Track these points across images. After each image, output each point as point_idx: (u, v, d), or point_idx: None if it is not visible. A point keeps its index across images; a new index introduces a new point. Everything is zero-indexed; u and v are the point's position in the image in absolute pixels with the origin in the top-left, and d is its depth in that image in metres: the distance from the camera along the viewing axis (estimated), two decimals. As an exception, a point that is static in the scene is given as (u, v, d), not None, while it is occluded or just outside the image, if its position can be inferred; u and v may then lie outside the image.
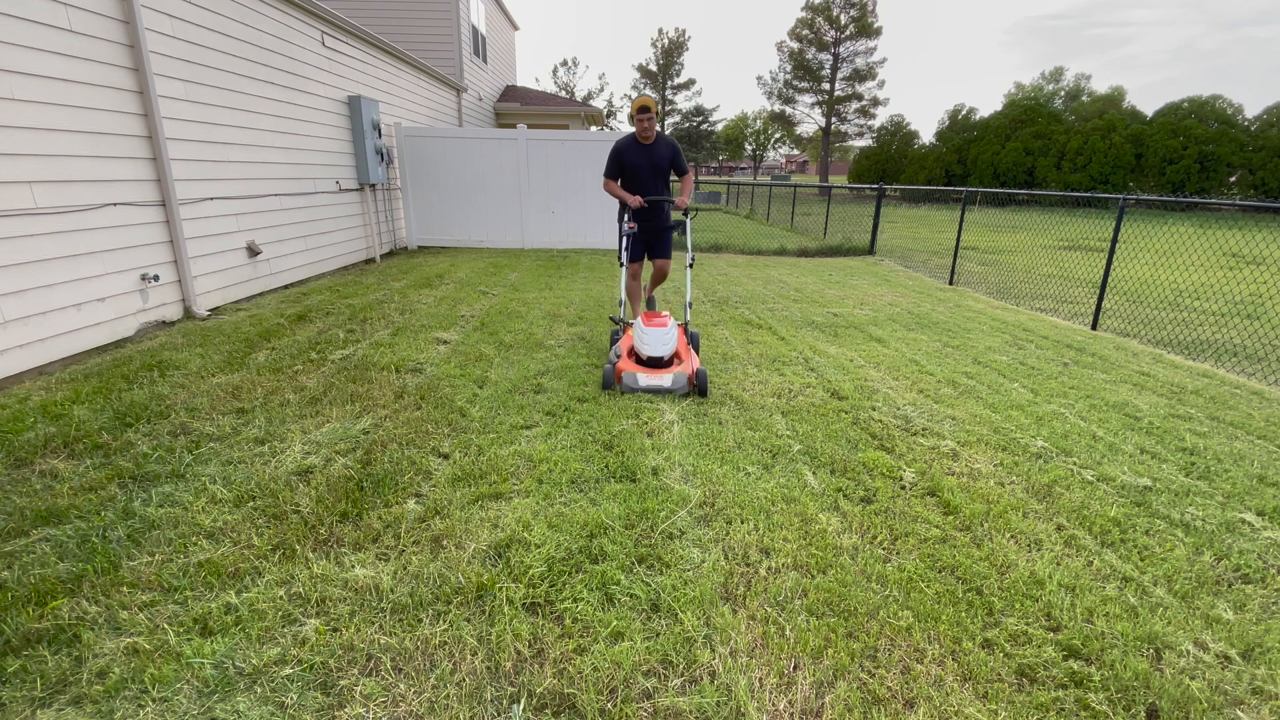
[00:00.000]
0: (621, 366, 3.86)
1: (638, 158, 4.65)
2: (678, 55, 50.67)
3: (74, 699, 1.60)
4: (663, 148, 4.68)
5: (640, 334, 3.98)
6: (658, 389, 3.76)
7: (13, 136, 3.78)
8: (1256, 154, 26.22)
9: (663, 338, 3.93)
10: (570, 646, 1.83)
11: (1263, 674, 1.83)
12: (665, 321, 4.00)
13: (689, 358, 4.03)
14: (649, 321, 4.00)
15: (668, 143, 4.74)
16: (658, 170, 4.70)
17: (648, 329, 3.95)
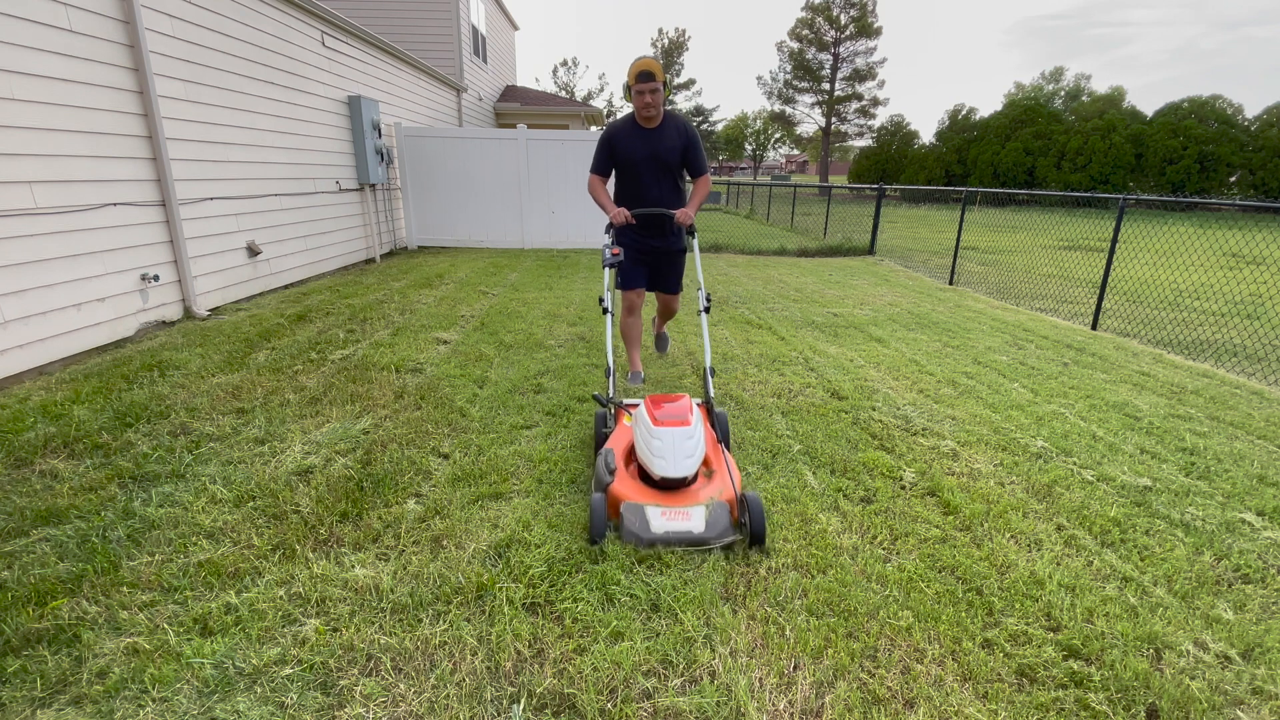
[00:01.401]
0: (620, 492, 2.37)
1: (635, 147, 3.40)
2: (678, 55, 50.66)
3: (74, 699, 1.60)
4: (672, 134, 3.41)
5: (647, 438, 2.44)
6: (683, 538, 2.26)
7: (13, 136, 3.78)
8: (1256, 154, 26.22)
9: (684, 445, 2.39)
10: (570, 646, 1.83)
11: (1263, 674, 1.83)
12: (684, 412, 2.51)
13: (721, 465, 2.53)
14: (661, 412, 2.51)
15: (680, 127, 3.44)
16: (663, 166, 3.44)
17: (659, 429, 2.43)
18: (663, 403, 2.56)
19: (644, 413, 2.52)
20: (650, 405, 2.54)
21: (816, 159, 57.57)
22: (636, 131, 3.40)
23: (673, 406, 2.53)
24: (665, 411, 2.49)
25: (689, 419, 2.45)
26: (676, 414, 2.47)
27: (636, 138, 3.40)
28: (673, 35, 50.86)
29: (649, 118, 3.36)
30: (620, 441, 2.63)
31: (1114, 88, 38.96)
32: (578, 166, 10.53)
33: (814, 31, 45.22)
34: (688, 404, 2.56)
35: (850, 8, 43.67)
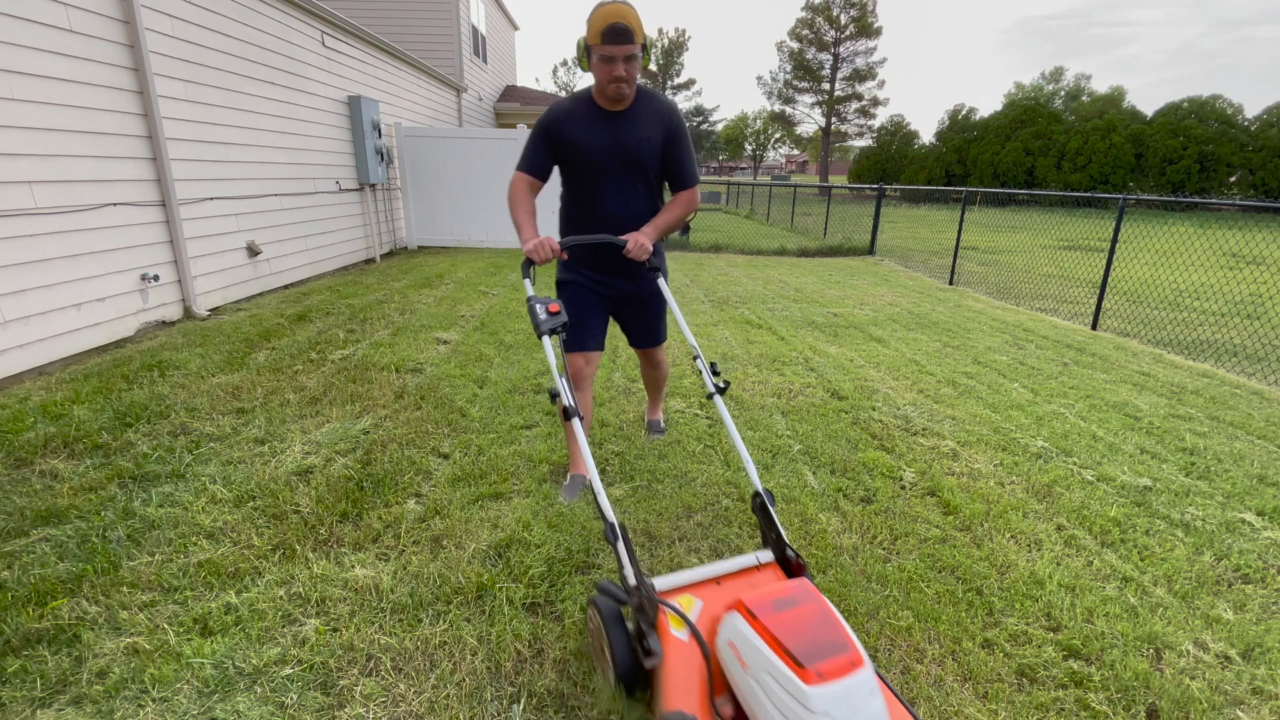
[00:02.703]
0: None
1: (592, 137, 2.30)
2: (678, 55, 50.67)
3: (74, 699, 1.60)
4: (649, 120, 2.32)
5: (797, 710, 1.14)
6: None
7: (13, 136, 3.78)
8: (1256, 154, 26.22)
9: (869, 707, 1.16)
10: (570, 646, 1.83)
11: (1263, 674, 1.83)
12: (836, 635, 1.24)
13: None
14: (797, 643, 1.20)
15: (661, 111, 2.34)
16: (633, 167, 2.35)
17: (821, 692, 1.13)
18: (774, 608, 1.29)
19: (755, 646, 1.24)
20: (756, 620, 1.27)
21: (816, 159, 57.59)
22: (595, 116, 2.22)
23: (802, 616, 1.26)
24: (803, 639, 1.20)
25: (851, 648, 1.20)
26: (825, 642, 1.20)
27: (594, 124, 2.23)
28: (672, 35, 50.86)
29: (617, 98, 2.18)
30: (687, 687, 1.33)
31: (1114, 88, 38.97)
32: (578, 166, 10.53)
33: (814, 31, 45.22)
34: (822, 608, 1.30)
35: (850, 8, 43.67)
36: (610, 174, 2.35)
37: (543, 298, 2.03)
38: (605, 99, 2.27)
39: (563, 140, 2.31)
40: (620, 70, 2.13)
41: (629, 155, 2.34)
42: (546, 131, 2.32)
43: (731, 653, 1.30)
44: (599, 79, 2.20)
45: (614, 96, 2.23)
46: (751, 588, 1.56)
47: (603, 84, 2.21)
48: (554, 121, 2.30)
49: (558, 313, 2.01)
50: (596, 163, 2.33)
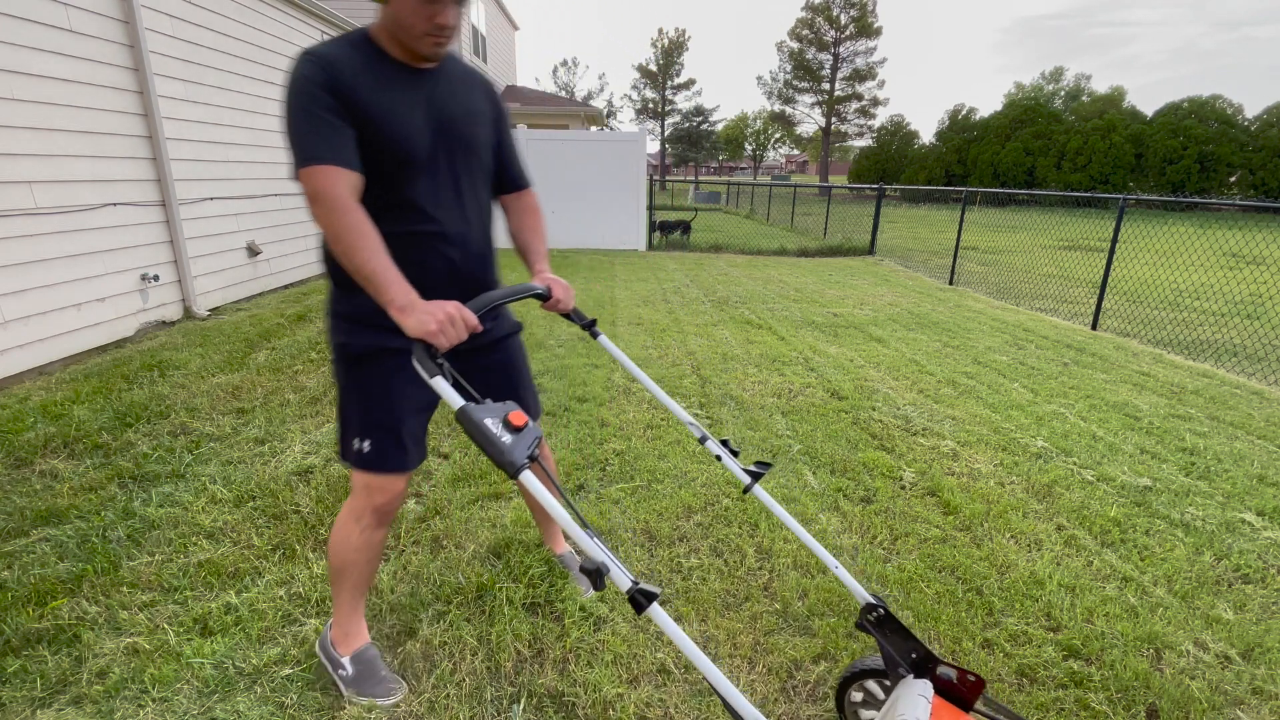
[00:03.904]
0: None
1: (401, 106, 1.39)
2: (678, 55, 50.66)
3: (74, 699, 1.60)
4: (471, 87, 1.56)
5: None
6: None
7: (13, 136, 3.78)
8: (1256, 154, 26.23)
9: None
10: (570, 646, 1.83)
11: (1263, 674, 1.83)
12: None
13: None
14: None
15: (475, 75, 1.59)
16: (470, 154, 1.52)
17: None
18: None
19: None
20: None
21: (816, 159, 57.60)
22: (394, 74, 1.40)
23: None
24: None
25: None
26: None
27: (399, 88, 1.40)
28: (672, 35, 50.85)
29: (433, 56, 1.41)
30: None
31: (1114, 88, 38.99)
32: (578, 166, 10.53)
33: (814, 31, 45.22)
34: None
35: (850, 8, 43.67)
36: (439, 168, 1.46)
37: (487, 405, 1.13)
38: (407, 53, 1.39)
39: (359, 110, 1.32)
40: (450, 17, 1.35)
41: (460, 137, 1.49)
42: (334, 93, 1.29)
43: None
44: (411, 24, 1.33)
45: (430, 54, 1.40)
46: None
47: (416, 33, 1.34)
48: (337, 78, 1.30)
49: (524, 425, 1.13)
50: (417, 150, 1.41)
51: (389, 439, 1.50)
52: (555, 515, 1.06)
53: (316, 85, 1.29)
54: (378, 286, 1.25)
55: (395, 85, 1.39)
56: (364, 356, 1.49)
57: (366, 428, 1.50)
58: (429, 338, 1.19)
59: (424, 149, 1.42)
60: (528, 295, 1.46)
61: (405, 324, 1.21)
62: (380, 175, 1.37)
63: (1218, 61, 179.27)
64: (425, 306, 1.22)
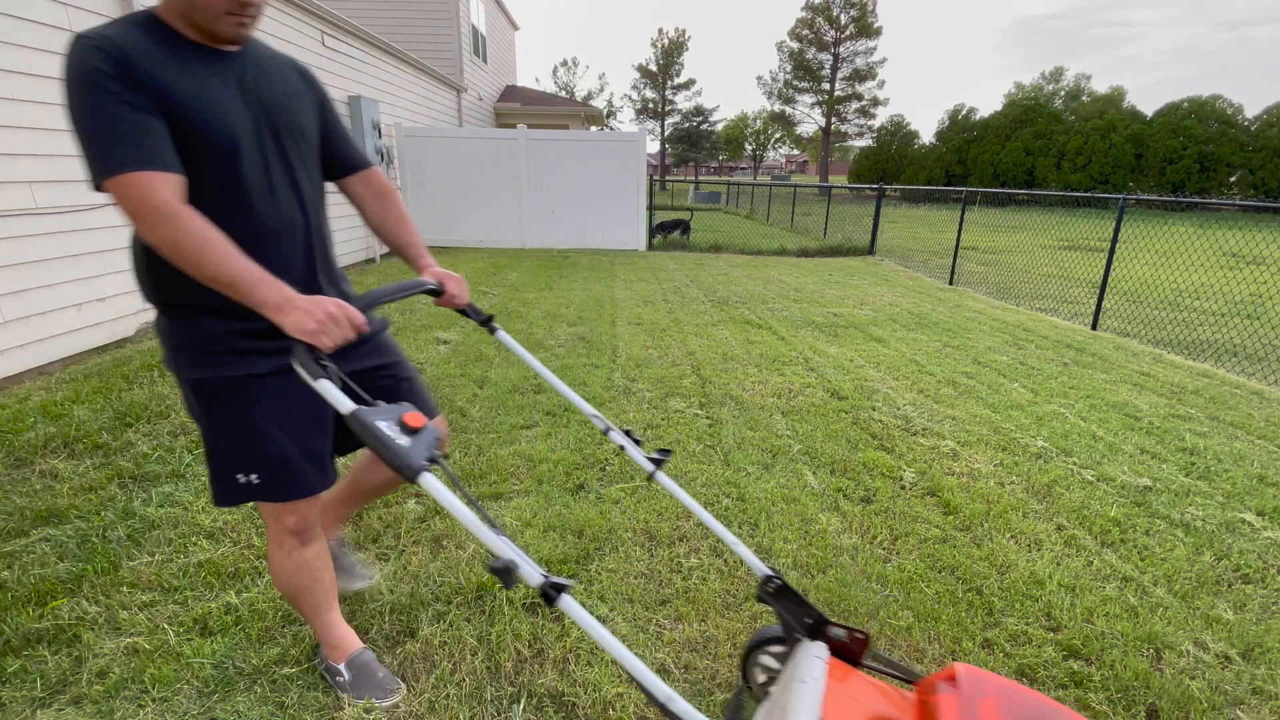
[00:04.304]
0: None
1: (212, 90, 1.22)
2: (678, 55, 50.65)
3: (74, 699, 1.60)
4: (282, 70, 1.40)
5: None
6: None
7: (13, 136, 3.78)
8: (1256, 154, 26.23)
9: None
10: (570, 646, 1.83)
11: (1263, 674, 1.83)
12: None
13: None
14: None
15: (283, 58, 1.43)
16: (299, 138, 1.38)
17: None
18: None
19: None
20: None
21: (816, 159, 57.60)
22: (196, 57, 1.23)
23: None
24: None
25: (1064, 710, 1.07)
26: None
27: (204, 72, 1.23)
28: (672, 35, 50.84)
29: (236, 36, 1.26)
30: None
31: (1114, 88, 38.98)
32: (578, 166, 10.53)
33: (814, 31, 45.21)
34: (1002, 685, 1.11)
35: (850, 8, 43.66)
36: (268, 157, 1.31)
37: (380, 407, 1.09)
38: (204, 34, 1.24)
39: (168, 102, 1.16)
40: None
41: (285, 122, 1.35)
42: (134, 85, 1.12)
43: None
44: (208, 3, 1.19)
45: (232, 36, 1.25)
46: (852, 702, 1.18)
47: (215, 12, 1.20)
48: (133, 67, 1.12)
49: (422, 427, 1.08)
50: (241, 139, 1.26)
51: (278, 469, 1.35)
52: (461, 518, 1.02)
53: (110, 78, 1.09)
54: (244, 290, 1.12)
55: (202, 70, 1.22)
56: (225, 389, 1.29)
57: (249, 463, 1.34)
58: (309, 338, 1.10)
59: (249, 138, 1.27)
60: (418, 291, 1.43)
61: (283, 324, 1.11)
62: (203, 172, 1.21)
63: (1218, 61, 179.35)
64: (304, 304, 1.12)
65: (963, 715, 1.00)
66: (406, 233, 1.60)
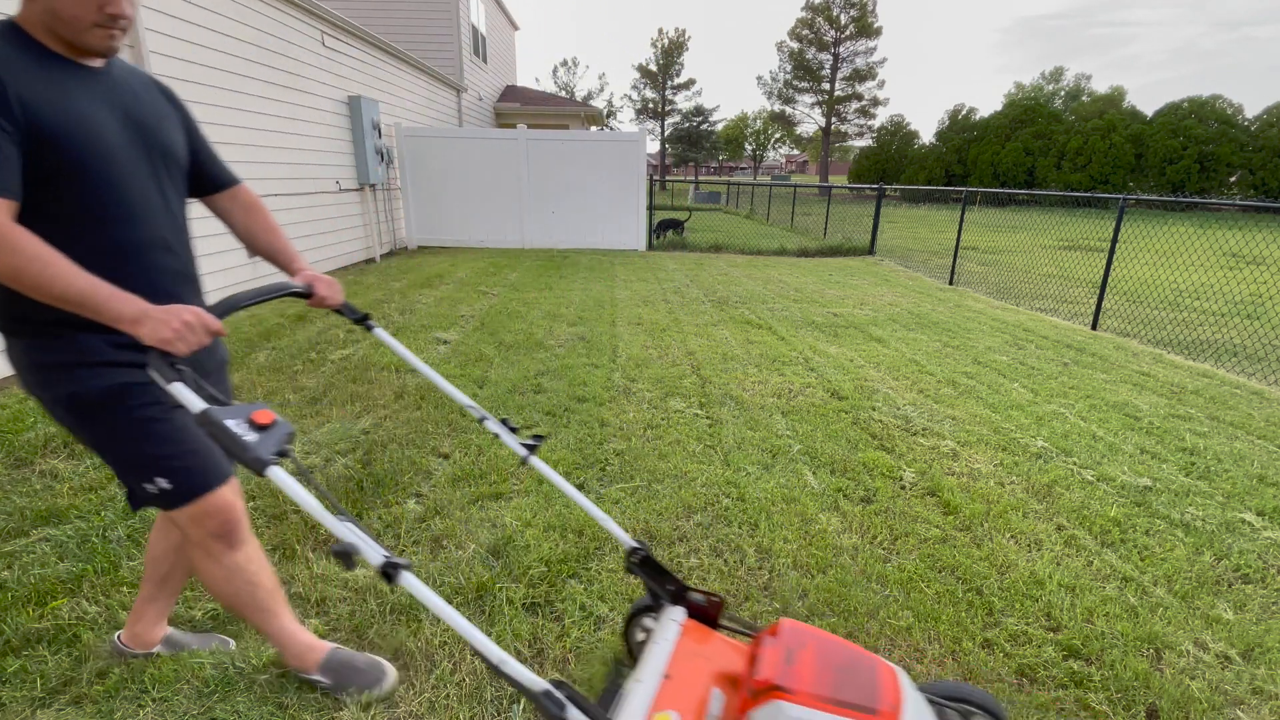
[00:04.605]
0: None
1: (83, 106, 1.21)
2: (678, 55, 50.65)
3: (74, 699, 1.60)
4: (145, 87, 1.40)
5: None
6: None
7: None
8: (1256, 154, 26.23)
9: None
10: (570, 646, 1.83)
11: (1263, 674, 1.83)
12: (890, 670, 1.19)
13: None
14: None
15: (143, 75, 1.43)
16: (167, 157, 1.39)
17: None
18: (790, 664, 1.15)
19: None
20: (798, 694, 1.09)
21: (816, 159, 57.59)
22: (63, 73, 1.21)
23: (819, 658, 1.16)
24: (847, 683, 1.12)
25: (877, 659, 1.20)
26: (863, 671, 1.16)
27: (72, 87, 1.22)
28: (672, 35, 50.84)
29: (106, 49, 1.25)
30: None
31: (1114, 88, 38.99)
32: (578, 166, 10.53)
33: (814, 31, 45.21)
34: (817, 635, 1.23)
35: (850, 8, 43.66)
36: (140, 175, 1.32)
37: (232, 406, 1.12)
38: (69, 47, 1.22)
39: (36, 119, 1.14)
40: (125, 5, 1.22)
41: (157, 142, 1.36)
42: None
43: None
44: (76, 15, 1.17)
45: (101, 49, 1.24)
46: (702, 659, 1.30)
47: (83, 25, 1.18)
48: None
49: (273, 423, 1.11)
50: (117, 159, 1.26)
51: (185, 464, 1.34)
52: (305, 505, 1.06)
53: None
54: (96, 306, 1.12)
55: (70, 85, 1.21)
56: (109, 397, 1.28)
57: (154, 468, 1.32)
58: (165, 346, 1.11)
59: (121, 156, 1.27)
60: (285, 294, 1.43)
61: (139, 334, 1.12)
62: (73, 190, 1.20)
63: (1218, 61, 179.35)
64: (158, 313, 1.13)
65: (782, 661, 1.13)
66: (276, 240, 1.60)
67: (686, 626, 1.38)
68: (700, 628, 1.40)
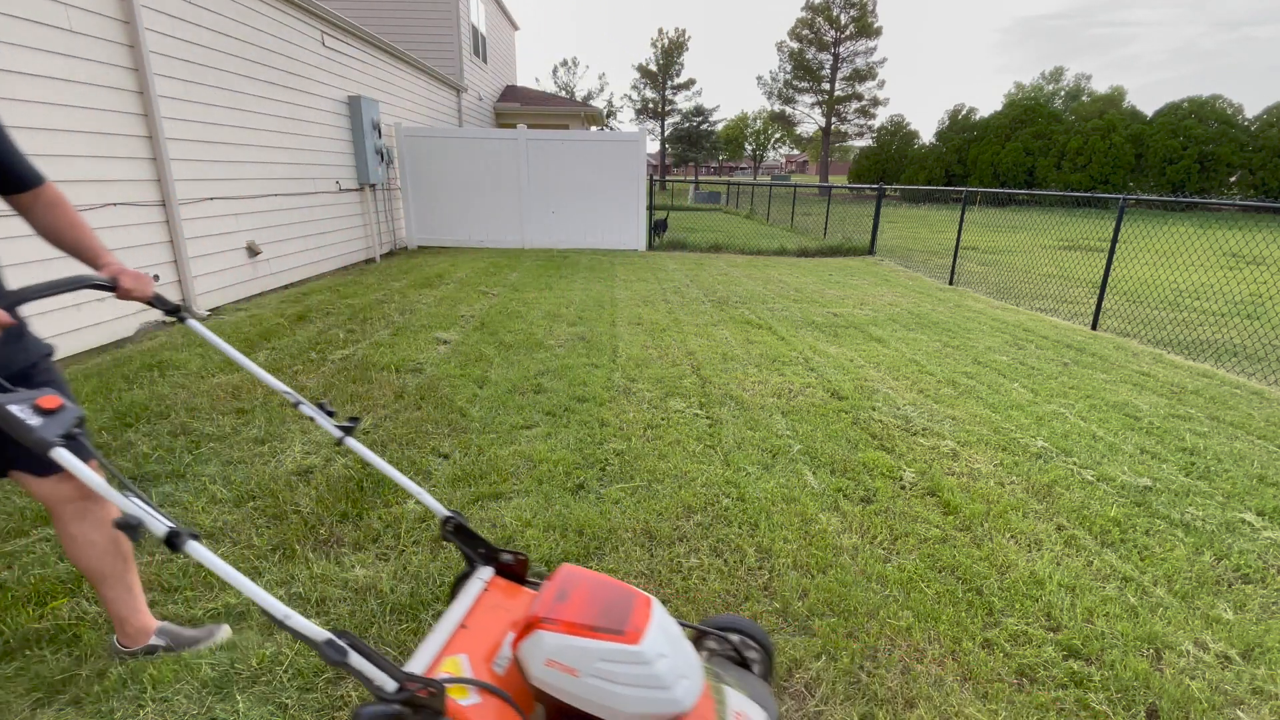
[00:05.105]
0: None
1: None
2: (678, 55, 50.62)
3: (74, 699, 1.60)
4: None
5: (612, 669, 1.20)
6: None
7: (13, 136, 3.77)
8: (1256, 154, 26.22)
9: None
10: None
11: (1263, 674, 1.83)
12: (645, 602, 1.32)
13: None
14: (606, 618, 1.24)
15: None
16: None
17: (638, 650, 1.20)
18: (560, 602, 1.27)
19: (577, 647, 1.20)
20: (558, 624, 1.22)
21: (816, 159, 57.57)
22: None
23: (585, 595, 1.29)
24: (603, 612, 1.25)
25: (637, 593, 1.32)
26: (618, 601, 1.28)
27: None
28: (672, 35, 50.81)
29: None
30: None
31: (1114, 88, 38.98)
32: (578, 166, 10.53)
33: (814, 31, 45.20)
34: (588, 576, 1.35)
35: (850, 8, 43.65)
36: None
37: (17, 393, 1.15)
38: None
39: None
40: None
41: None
42: None
43: (557, 671, 1.20)
44: None
45: None
46: (503, 610, 1.44)
47: None
48: None
49: (59, 407, 1.15)
50: None
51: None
52: (90, 482, 1.11)
53: None
54: None
55: None
56: None
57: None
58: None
59: None
60: (85, 286, 1.45)
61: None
62: None
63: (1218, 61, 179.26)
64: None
65: (553, 600, 1.26)
66: (82, 236, 1.60)
67: (493, 583, 1.54)
68: (508, 584, 1.56)
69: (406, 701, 1.15)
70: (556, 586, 1.30)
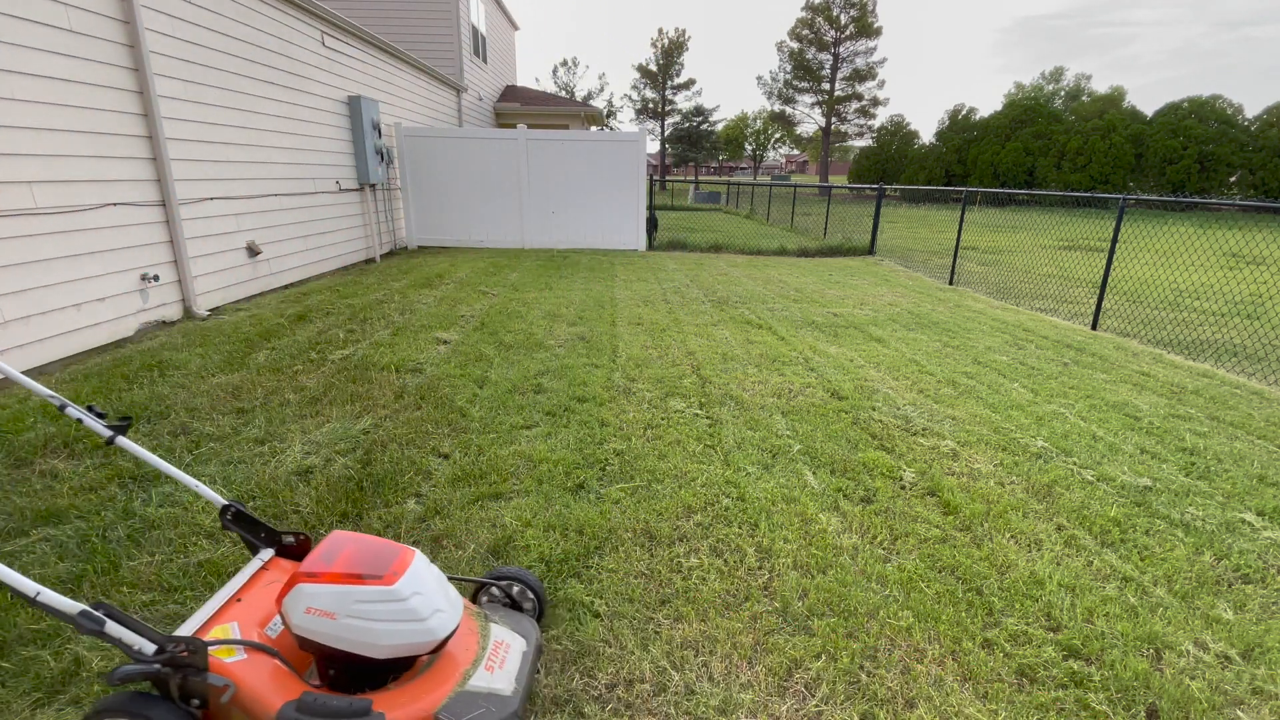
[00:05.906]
0: None
1: None
2: (678, 55, 50.60)
3: (74, 699, 1.60)
4: None
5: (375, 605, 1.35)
6: None
7: (13, 136, 3.78)
8: (1256, 154, 26.22)
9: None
10: (570, 646, 1.83)
11: (1263, 674, 1.83)
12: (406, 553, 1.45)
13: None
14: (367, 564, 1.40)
15: None
16: None
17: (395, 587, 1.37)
18: (326, 561, 1.38)
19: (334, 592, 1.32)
20: (320, 575, 1.35)
21: (816, 159, 57.57)
22: None
23: (352, 553, 1.41)
24: (365, 563, 1.38)
25: (399, 547, 1.44)
26: (381, 554, 1.41)
27: None
28: (672, 35, 50.79)
29: None
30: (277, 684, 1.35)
31: (1114, 88, 38.99)
32: (578, 166, 10.54)
33: (814, 31, 45.19)
34: (359, 539, 1.46)
35: (850, 8, 43.64)
36: None
37: None
38: None
39: None
40: None
41: None
42: None
43: (316, 616, 1.34)
44: None
45: None
46: (278, 585, 1.54)
47: None
48: None
49: None
50: None
51: None
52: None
53: None
54: None
55: None
56: None
57: None
58: None
59: None
60: None
61: None
62: None
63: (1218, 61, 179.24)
64: None
65: (320, 560, 1.37)
66: None
67: (272, 562, 1.65)
68: (290, 562, 1.67)
69: (167, 662, 1.24)
70: (324, 549, 1.42)
